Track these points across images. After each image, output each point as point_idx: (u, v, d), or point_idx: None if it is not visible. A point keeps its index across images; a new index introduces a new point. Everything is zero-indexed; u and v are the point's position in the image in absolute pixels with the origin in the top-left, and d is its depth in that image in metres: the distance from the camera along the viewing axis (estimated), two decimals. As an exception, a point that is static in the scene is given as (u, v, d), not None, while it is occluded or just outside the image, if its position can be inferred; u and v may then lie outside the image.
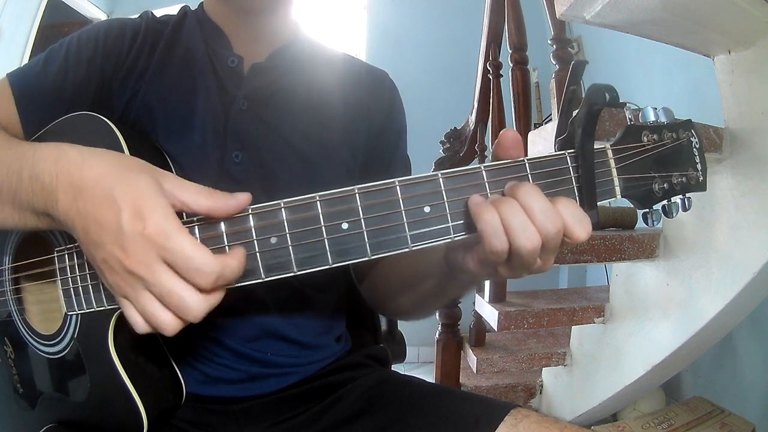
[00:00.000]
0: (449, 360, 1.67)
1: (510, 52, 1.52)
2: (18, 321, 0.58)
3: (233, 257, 0.38)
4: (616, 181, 0.42)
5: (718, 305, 1.11)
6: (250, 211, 0.40)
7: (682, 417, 1.43)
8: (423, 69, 2.72)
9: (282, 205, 0.39)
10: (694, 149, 0.44)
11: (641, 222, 1.56)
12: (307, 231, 0.39)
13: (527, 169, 0.40)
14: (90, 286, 0.48)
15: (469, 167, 0.40)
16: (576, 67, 0.42)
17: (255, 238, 0.40)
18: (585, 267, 2.63)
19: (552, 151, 0.42)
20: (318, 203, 0.39)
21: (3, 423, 0.62)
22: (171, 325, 0.38)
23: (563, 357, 1.62)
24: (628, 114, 0.43)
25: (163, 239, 0.36)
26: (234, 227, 0.40)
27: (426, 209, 0.39)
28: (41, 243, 0.52)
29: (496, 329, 1.43)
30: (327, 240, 0.39)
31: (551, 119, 1.64)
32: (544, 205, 0.37)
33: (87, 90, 0.59)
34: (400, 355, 0.91)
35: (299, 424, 0.61)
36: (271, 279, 0.40)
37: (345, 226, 0.39)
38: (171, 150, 0.58)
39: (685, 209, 0.44)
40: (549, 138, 1.10)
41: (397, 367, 0.76)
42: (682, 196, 0.44)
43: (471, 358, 1.66)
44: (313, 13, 2.89)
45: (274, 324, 0.62)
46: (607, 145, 0.42)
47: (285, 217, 0.39)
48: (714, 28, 1.03)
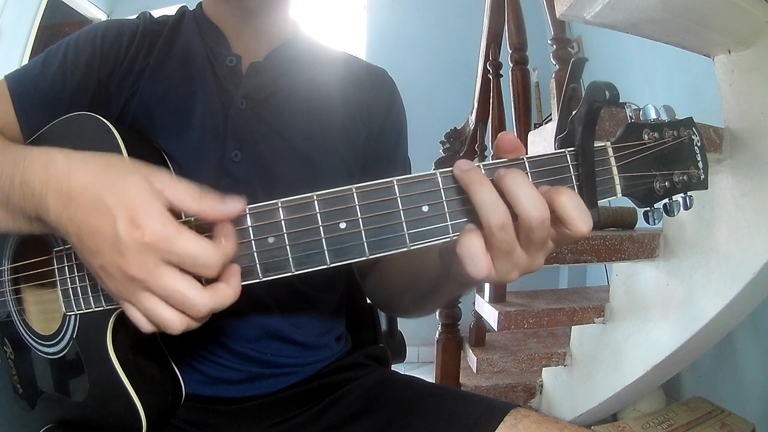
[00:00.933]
0: (449, 360, 1.67)
1: (510, 52, 1.52)
2: (17, 321, 0.58)
3: (227, 240, 0.38)
4: (616, 180, 0.41)
5: (718, 305, 1.11)
6: (247, 211, 0.40)
7: (682, 417, 1.43)
8: (423, 69, 2.72)
9: (279, 205, 0.39)
10: (695, 147, 0.43)
11: (641, 222, 1.56)
12: (305, 231, 0.39)
13: (527, 168, 0.40)
14: (88, 286, 0.47)
15: None
16: (575, 65, 0.41)
17: (252, 238, 0.39)
18: (585, 267, 2.63)
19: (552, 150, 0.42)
20: (315, 202, 0.39)
21: (3, 423, 0.62)
22: (177, 323, 0.38)
23: (563, 357, 1.62)
24: (628, 112, 0.43)
25: (167, 244, 0.36)
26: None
27: (424, 208, 0.39)
28: (40, 244, 0.52)
29: (496, 329, 1.43)
30: (325, 239, 0.39)
31: (551, 119, 1.63)
32: (530, 192, 0.36)
33: (85, 91, 0.59)
34: (400, 355, 0.91)
35: (299, 424, 0.61)
36: (269, 279, 0.40)
37: (343, 225, 0.39)
38: (169, 149, 0.58)
39: (687, 207, 0.44)
40: (549, 138, 1.10)
41: (397, 367, 0.76)
42: (683, 194, 0.43)
43: (471, 358, 1.66)
44: (313, 13, 2.89)
45: (274, 324, 0.62)
46: (608, 143, 0.42)
47: (282, 217, 0.39)
48: (714, 28, 1.03)
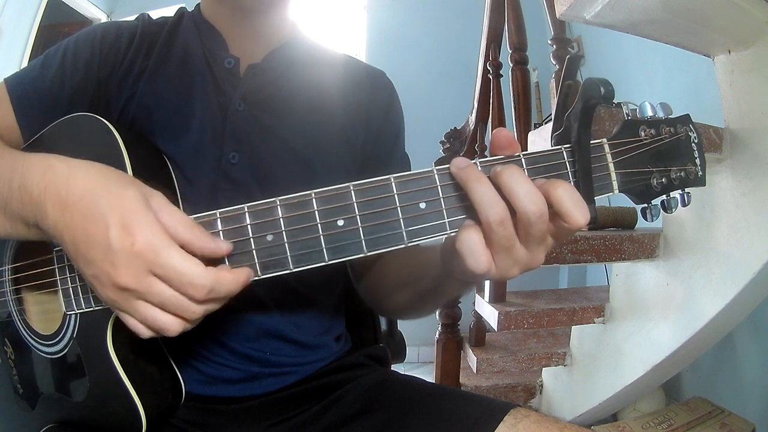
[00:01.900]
0: (449, 360, 1.67)
1: (510, 52, 1.52)
2: (18, 321, 0.58)
3: (231, 272, 0.38)
4: (613, 176, 0.41)
5: (718, 305, 1.11)
6: (246, 209, 0.40)
7: (682, 417, 1.43)
8: (423, 69, 2.72)
9: (278, 203, 0.39)
10: (692, 144, 0.43)
11: (641, 222, 1.56)
12: (303, 228, 0.39)
13: (523, 164, 0.40)
14: (88, 286, 0.47)
15: None
16: (571, 62, 0.41)
17: (251, 235, 0.40)
18: (585, 267, 2.63)
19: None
20: (314, 200, 0.39)
21: (3, 423, 0.62)
22: (174, 326, 0.38)
23: (563, 357, 1.62)
24: (625, 109, 0.43)
25: (153, 255, 0.36)
26: (230, 225, 0.40)
27: (422, 205, 0.39)
28: (40, 243, 0.52)
29: (496, 329, 1.43)
30: (323, 237, 0.39)
31: (551, 119, 1.63)
32: (527, 187, 0.36)
33: (84, 93, 0.59)
34: (400, 355, 0.91)
35: (299, 424, 0.61)
36: (268, 276, 0.40)
37: (341, 222, 0.39)
38: (168, 150, 0.58)
39: (685, 204, 0.44)
40: (549, 138, 1.09)
41: (397, 367, 0.76)
42: (681, 191, 0.43)
43: (471, 358, 1.66)
44: (313, 13, 2.89)
45: (273, 324, 0.62)
46: (604, 140, 0.42)
47: (281, 215, 0.39)
48: (714, 28, 1.03)
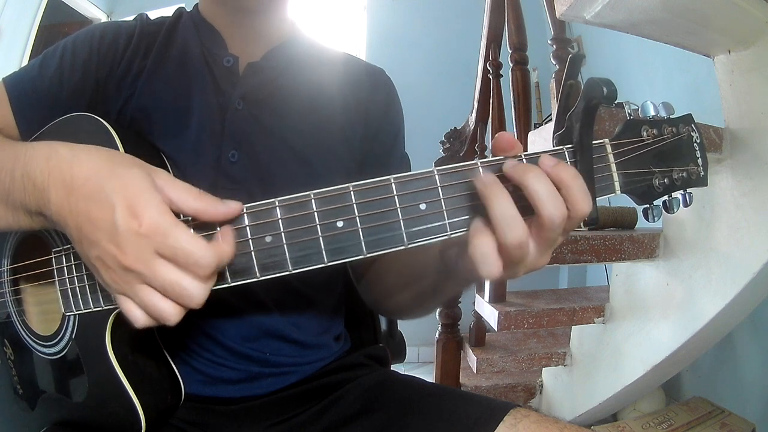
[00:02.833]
0: (449, 360, 1.67)
1: (510, 52, 1.52)
2: (17, 322, 0.58)
3: (226, 243, 0.38)
4: (615, 177, 0.41)
5: (718, 305, 1.11)
6: (244, 210, 0.40)
7: (682, 417, 1.43)
8: (423, 69, 2.72)
9: (276, 204, 0.39)
10: (694, 144, 0.43)
11: (641, 222, 1.56)
12: (302, 229, 0.39)
13: None
14: (87, 286, 0.47)
15: (466, 163, 0.40)
16: (573, 61, 0.41)
17: (250, 237, 0.39)
18: (585, 267, 2.63)
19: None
20: (313, 201, 0.39)
21: (3, 424, 0.62)
22: (173, 314, 0.38)
23: (563, 357, 1.62)
24: (627, 109, 0.43)
25: (161, 236, 0.36)
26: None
27: (422, 206, 0.39)
28: (39, 244, 0.52)
29: (496, 329, 1.43)
30: (322, 238, 0.39)
31: (551, 119, 1.63)
32: (551, 190, 0.36)
33: (83, 93, 0.59)
34: (399, 355, 0.91)
35: (299, 424, 0.61)
36: (267, 278, 0.40)
37: (340, 224, 0.39)
38: (167, 150, 0.58)
39: (687, 204, 0.44)
40: (549, 138, 1.09)
41: (397, 367, 0.76)
42: (683, 191, 0.43)
43: (471, 358, 1.66)
44: (313, 13, 2.89)
45: (273, 323, 0.62)
46: (606, 140, 0.41)
47: (279, 216, 0.39)
48: (714, 28, 1.03)
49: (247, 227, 0.39)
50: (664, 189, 0.42)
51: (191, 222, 0.40)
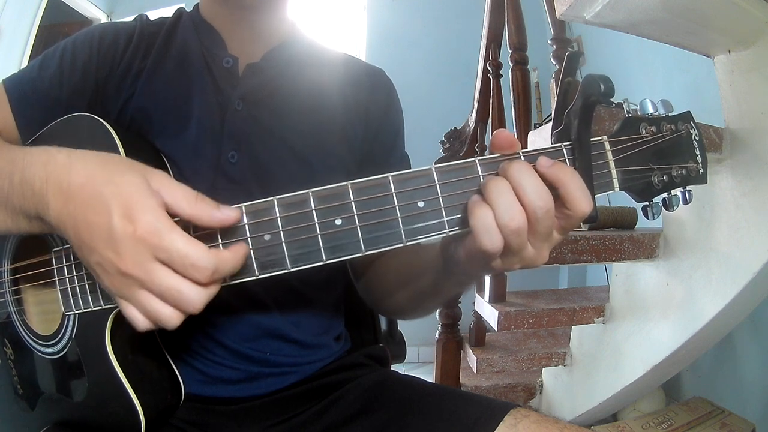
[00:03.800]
0: (449, 360, 1.67)
1: (510, 52, 1.52)
2: (17, 322, 0.58)
3: (230, 251, 0.38)
4: (614, 174, 0.41)
5: (718, 305, 1.11)
6: (243, 209, 0.40)
7: (682, 417, 1.43)
8: (423, 69, 2.72)
9: (275, 202, 0.39)
10: (693, 141, 0.43)
11: (641, 222, 1.56)
12: (301, 227, 0.39)
13: None
14: (87, 285, 0.48)
15: (464, 161, 0.40)
16: (571, 58, 0.41)
17: (248, 235, 0.39)
18: (585, 267, 2.63)
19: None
20: (311, 199, 0.39)
21: (3, 424, 0.62)
22: (173, 319, 0.38)
23: (563, 357, 1.62)
24: (626, 108, 0.42)
25: (156, 239, 0.36)
26: (227, 225, 0.40)
27: (420, 204, 0.39)
28: (39, 244, 0.52)
29: (496, 329, 1.43)
30: (320, 236, 0.39)
31: (551, 119, 1.63)
32: (534, 182, 0.37)
33: (83, 94, 0.59)
34: (399, 355, 0.91)
35: (298, 424, 0.61)
36: (266, 276, 0.40)
37: (339, 222, 0.39)
38: (167, 150, 0.58)
39: (686, 202, 0.43)
40: (549, 137, 1.09)
41: (397, 367, 0.76)
42: (682, 188, 0.43)
43: (471, 358, 1.66)
44: (313, 13, 2.89)
45: (273, 323, 0.62)
46: (605, 137, 0.41)
47: (278, 214, 0.39)
48: (714, 28, 1.03)
49: (246, 225, 0.40)
50: (663, 186, 0.42)
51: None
